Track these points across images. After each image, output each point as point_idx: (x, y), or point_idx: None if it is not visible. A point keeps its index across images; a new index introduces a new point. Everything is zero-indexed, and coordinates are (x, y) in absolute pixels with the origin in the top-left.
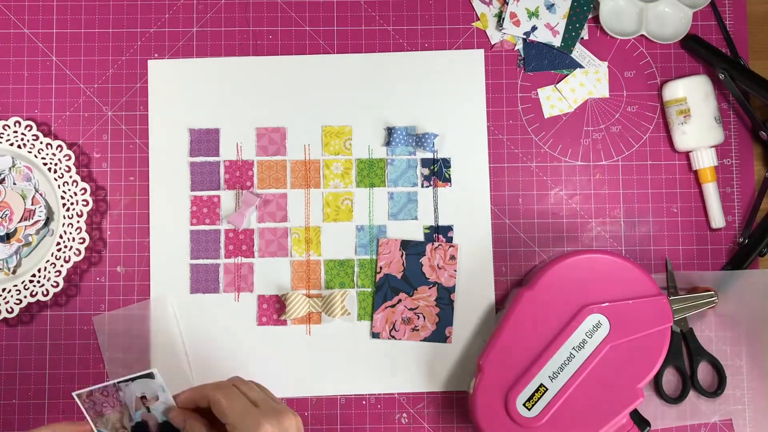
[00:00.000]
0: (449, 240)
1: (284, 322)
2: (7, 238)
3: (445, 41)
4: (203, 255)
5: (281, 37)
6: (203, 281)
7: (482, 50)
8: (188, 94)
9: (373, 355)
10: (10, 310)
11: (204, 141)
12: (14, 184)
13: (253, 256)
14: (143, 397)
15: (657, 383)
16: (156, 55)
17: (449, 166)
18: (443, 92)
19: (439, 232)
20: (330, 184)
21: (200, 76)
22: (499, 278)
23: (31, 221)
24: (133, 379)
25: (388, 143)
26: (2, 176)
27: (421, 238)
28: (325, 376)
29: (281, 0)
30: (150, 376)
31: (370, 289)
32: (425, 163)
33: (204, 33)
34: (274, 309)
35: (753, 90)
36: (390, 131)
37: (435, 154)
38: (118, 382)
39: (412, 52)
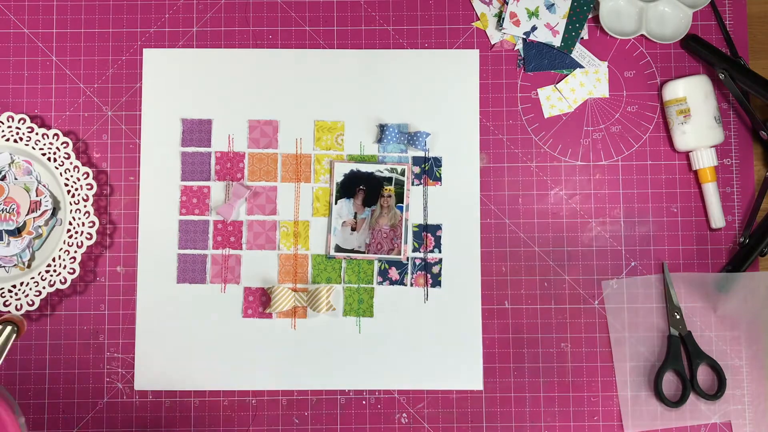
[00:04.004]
0: (437, 239)
1: (269, 315)
2: (18, 232)
3: (445, 41)
4: (191, 245)
5: (281, 37)
6: (190, 271)
7: (477, 51)
8: (182, 84)
9: (358, 350)
10: (30, 303)
11: (196, 131)
12: (15, 179)
13: (241, 248)
14: None
15: (657, 387)
16: None
17: (440, 165)
18: (437, 91)
19: (428, 231)
20: (320, 178)
21: (195, 66)
22: (498, 278)
23: (39, 212)
24: None
25: (380, 140)
26: (2, 173)
27: (410, 235)
28: (309, 370)
29: (281, 0)
30: None
31: (356, 286)
32: (416, 161)
33: (204, 33)
34: (260, 302)
35: (753, 90)
36: (382, 128)
37: (426, 152)
38: None
39: (408, 50)
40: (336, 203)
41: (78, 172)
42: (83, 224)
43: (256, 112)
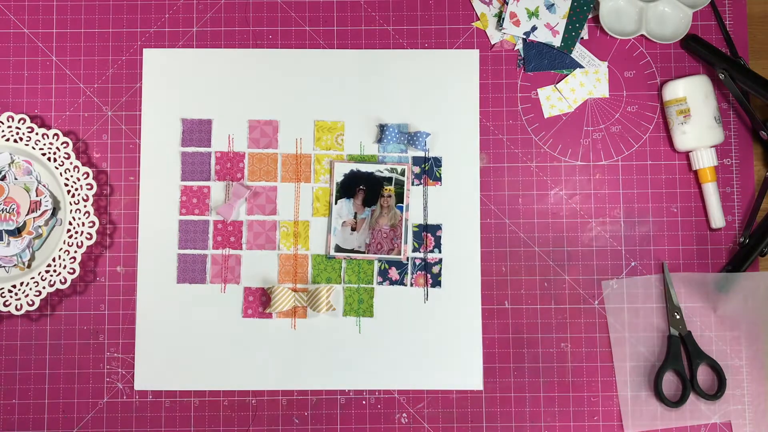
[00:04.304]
0: (437, 239)
1: (269, 315)
2: (18, 232)
3: (445, 41)
4: (191, 245)
5: (281, 37)
6: (190, 271)
7: (477, 51)
8: (182, 84)
9: (357, 350)
10: (30, 303)
11: (196, 131)
12: (15, 179)
13: (241, 248)
14: None
15: (657, 387)
16: None
17: (440, 165)
18: (437, 91)
19: (428, 231)
20: (320, 178)
21: (195, 66)
22: (498, 278)
23: (39, 212)
24: None
25: (380, 140)
26: (2, 173)
27: (410, 235)
28: (309, 370)
29: (281, 0)
30: None
31: (356, 286)
32: (416, 161)
33: (204, 33)
34: (260, 302)
35: (753, 90)
36: (382, 128)
37: (426, 152)
38: None
39: (408, 50)
40: (336, 203)
41: (78, 172)
42: (83, 224)
43: (256, 112)
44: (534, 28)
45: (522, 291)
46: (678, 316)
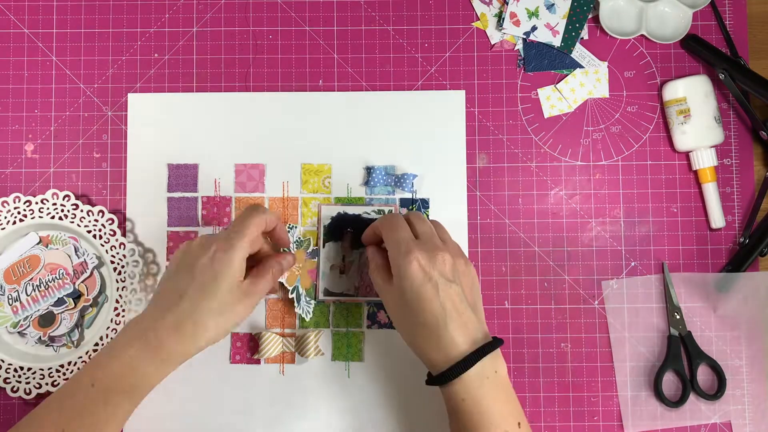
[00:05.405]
0: None
1: (258, 361)
2: (77, 298)
3: (445, 41)
4: None
5: (281, 37)
6: None
7: (463, 91)
8: (167, 129)
9: (347, 396)
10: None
11: (182, 176)
12: (53, 248)
13: None
14: None
15: (657, 387)
16: (156, 54)
17: (428, 207)
18: (424, 133)
19: None
20: (308, 222)
21: (180, 111)
22: (498, 278)
23: (88, 272)
24: None
25: (367, 182)
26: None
27: None
28: (298, 416)
29: (281, 0)
30: None
31: (345, 330)
32: (404, 202)
33: (204, 33)
34: (248, 347)
35: (753, 90)
36: (369, 170)
37: (414, 194)
38: None
39: (394, 92)
40: (324, 246)
41: (123, 249)
42: (130, 302)
43: (243, 156)
44: (534, 28)
45: (522, 291)
46: (678, 316)
